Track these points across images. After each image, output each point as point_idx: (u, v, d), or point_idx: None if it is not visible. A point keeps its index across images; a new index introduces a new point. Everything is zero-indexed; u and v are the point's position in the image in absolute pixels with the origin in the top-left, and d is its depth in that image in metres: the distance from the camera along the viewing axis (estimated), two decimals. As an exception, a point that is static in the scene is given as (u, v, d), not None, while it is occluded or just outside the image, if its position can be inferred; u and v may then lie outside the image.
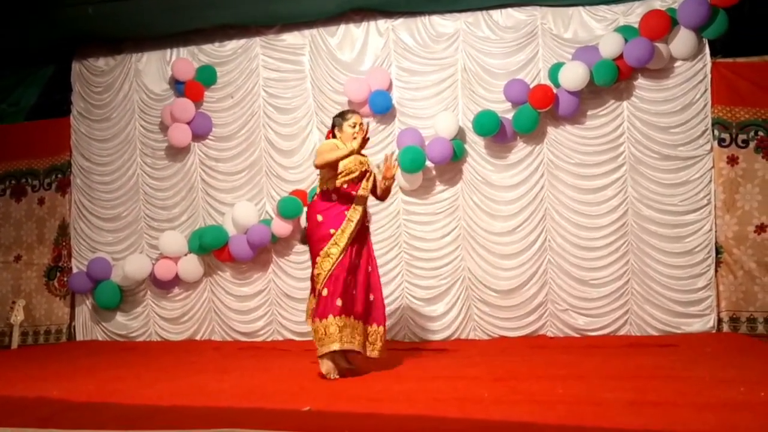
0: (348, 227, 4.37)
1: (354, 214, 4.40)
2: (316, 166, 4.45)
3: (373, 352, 4.45)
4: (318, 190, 4.53)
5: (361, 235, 4.48)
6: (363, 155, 4.59)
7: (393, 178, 4.53)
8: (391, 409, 3.27)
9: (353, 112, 4.61)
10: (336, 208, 4.41)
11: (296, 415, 3.21)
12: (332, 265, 4.30)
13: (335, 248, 4.32)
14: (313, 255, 4.41)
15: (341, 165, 4.39)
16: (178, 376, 4.62)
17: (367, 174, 4.53)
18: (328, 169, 4.40)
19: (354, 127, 4.47)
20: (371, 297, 4.50)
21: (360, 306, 4.39)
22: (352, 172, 4.43)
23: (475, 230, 6.28)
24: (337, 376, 4.25)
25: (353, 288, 4.37)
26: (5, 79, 7.48)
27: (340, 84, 6.49)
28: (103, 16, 6.52)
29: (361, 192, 4.46)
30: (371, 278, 4.53)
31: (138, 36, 7.04)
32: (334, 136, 4.55)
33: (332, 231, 4.35)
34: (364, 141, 4.34)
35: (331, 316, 4.25)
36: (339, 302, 4.26)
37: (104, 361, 5.58)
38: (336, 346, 4.23)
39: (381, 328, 4.49)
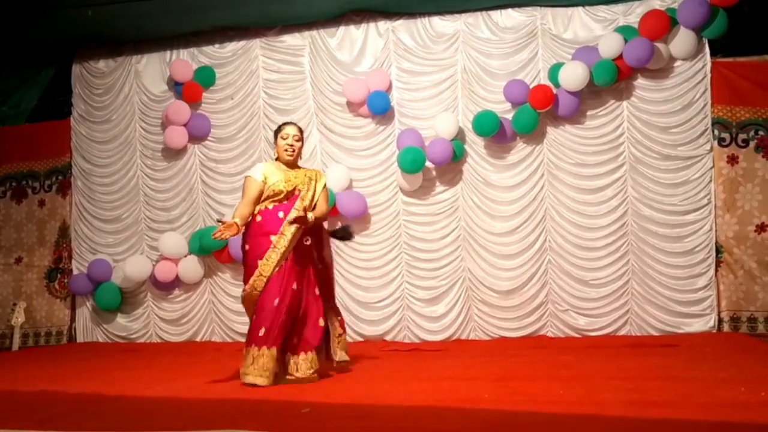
0: (273, 255, 4.12)
1: (280, 240, 4.14)
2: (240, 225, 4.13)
3: (295, 374, 4.17)
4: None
5: (298, 255, 4.20)
6: (298, 167, 4.39)
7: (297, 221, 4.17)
8: (392, 409, 3.27)
9: (290, 123, 4.44)
10: (261, 235, 4.18)
11: (296, 417, 3.21)
12: (257, 298, 4.13)
13: (261, 280, 4.13)
14: (245, 281, 4.24)
15: (267, 188, 4.22)
16: (178, 378, 4.62)
17: (300, 193, 4.27)
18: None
19: (285, 138, 4.31)
20: (304, 325, 4.23)
21: (286, 333, 4.16)
22: (277, 194, 4.23)
23: (475, 231, 6.28)
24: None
25: (283, 314, 4.11)
26: (6, 81, 7.49)
27: (340, 85, 6.50)
28: (103, 18, 6.52)
29: (290, 216, 4.17)
30: (307, 303, 4.25)
31: (138, 38, 7.05)
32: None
33: (259, 261, 4.14)
34: (292, 153, 4.28)
35: (252, 346, 4.11)
36: (262, 332, 4.08)
37: (105, 363, 5.58)
38: (243, 378, 4.08)
39: (310, 354, 4.20)
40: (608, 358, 4.73)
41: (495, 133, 6.08)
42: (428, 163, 6.21)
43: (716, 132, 5.89)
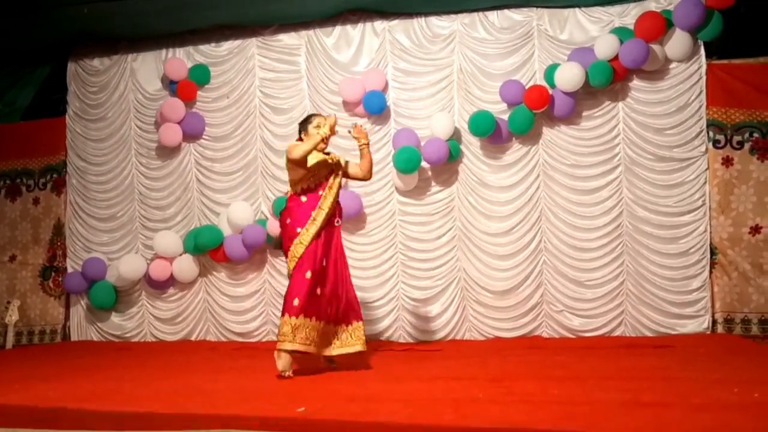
0: (312, 226, 4.48)
1: (319, 213, 4.51)
2: (294, 161, 4.46)
3: (354, 346, 4.56)
4: (289, 193, 4.65)
5: (329, 234, 4.57)
6: (328, 153, 4.69)
7: (366, 138, 4.73)
8: (386, 409, 3.27)
9: (317, 114, 4.77)
10: (303, 209, 4.54)
11: (291, 416, 3.20)
12: (295, 264, 4.42)
13: (300, 247, 4.44)
14: (285, 254, 4.55)
15: (309, 164, 4.50)
16: (172, 377, 4.61)
17: (334, 172, 4.64)
18: (297, 170, 4.50)
19: (318, 127, 4.58)
20: (343, 295, 4.57)
21: (327, 307, 4.47)
22: (319, 171, 4.56)
23: (471, 231, 6.29)
24: (291, 375, 4.29)
25: (318, 287, 4.44)
26: (1, 78, 7.47)
27: (336, 84, 6.50)
28: (98, 16, 6.52)
29: (326, 192, 4.57)
30: (340, 276, 4.59)
31: (134, 36, 7.03)
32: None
33: (299, 230, 4.48)
34: (331, 130, 4.55)
35: (287, 315, 4.33)
36: (296, 302, 4.33)
37: (99, 362, 5.56)
38: (288, 346, 4.30)
39: (360, 324, 4.60)
40: (603, 359, 4.74)
41: (491, 134, 6.08)
42: (424, 163, 6.21)
43: (711, 134, 5.90)
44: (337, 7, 6.49)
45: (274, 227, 6.37)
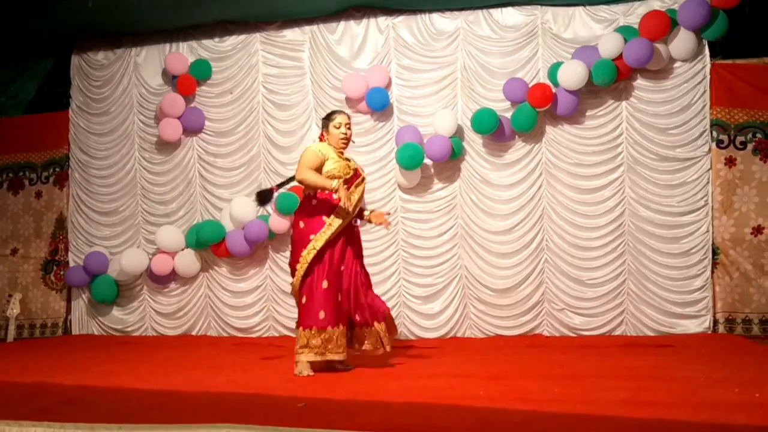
0: (327, 231, 4.32)
1: (335, 220, 4.34)
2: (298, 182, 4.39)
3: (377, 349, 4.43)
4: (302, 196, 4.52)
5: (348, 238, 4.44)
6: (349, 159, 4.55)
7: (380, 223, 4.63)
8: (386, 406, 3.28)
9: (340, 112, 4.57)
10: (317, 214, 4.36)
11: (291, 411, 3.21)
12: (306, 271, 4.29)
13: (312, 253, 4.29)
14: (293, 260, 4.39)
15: (324, 171, 4.34)
16: (173, 371, 4.62)
17: (356, 180, 4.45)
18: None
19: (339, 127, 4.44)
20: (364, 298, 4.43)
21: (346, 312, 4.39)
22: (336, 179, 4.31)
23: (473, 229, 6.29)
24: (311, 373, 4.26)
25: (337, 295, 4.34)
26: (4, 71, 7.46)
27: (340, 81, 6.49)
28: (102, 9, 6.50)
29: (344, 201, 4.28)
30: (360, 280, 4.46)
31: (138, 30, 7.02)
32: (322, 138, 4.53)
33: (311, 236, 4.32)
34: (346, 142, 4.44)
35: (315, 328, 4.26)
36: (322, 314, 4.26)
37: (100, 356, 5.57)
38: (318, 358, 4.26)
39: (382, 325, 4.42)
40: (603, 358, 4.74)
41: (494, 131, 6.08)
42: (426, 160, 6.21)
43: (714, 134, 5.89)
44: (341, 3, 6.49)
45: (276, 223, 6.39)
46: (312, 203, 4.39)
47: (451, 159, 6.22)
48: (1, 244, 7.36)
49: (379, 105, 6.34)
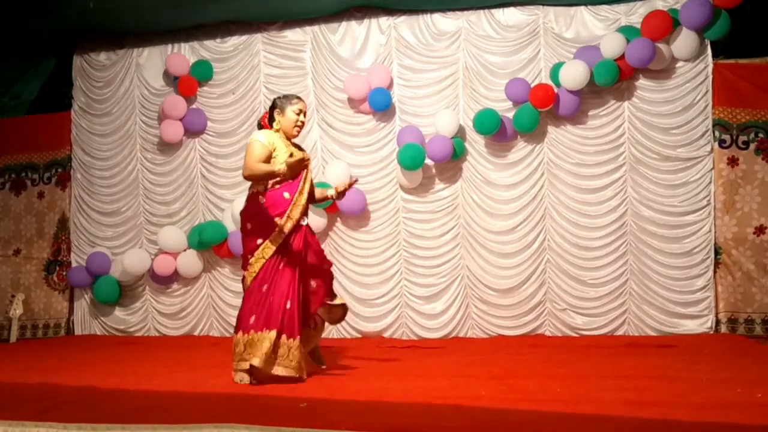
0: (278, 238, 4.00)
1: (287, 222, 4.02)
2: (245, 178, 4.06)
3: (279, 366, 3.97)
4: (248, 192, 4.17)
5: (297, 239, 4.08)
6: (302, 149, 4.26)
7: (339, 197, 4.30)
8: (389, 406, 3.28)
9: (300, 99, 4.21)
10: (266, 215, 4.02)
11: (293, 411, 3.21)
12: (251, 279, 4.05)
13: (260, 262, 4.02)
14: (243, 260, 4.16)
15: (275, 160, 4.01)
16: (176, 371, 4.62)
17: (304, 173, 4.13)
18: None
19: (298, 114, 4.13)
20: (289, 303, 4.02)
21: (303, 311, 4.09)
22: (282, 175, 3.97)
23: (475, 229, 6.28)
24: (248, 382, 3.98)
25: (269, 297, 4.01)
26: (7, 72, 7.46)
27: (341, 81, 6.50)
28: (104, 10, 6.51)
29: (297, 198, 4.06)
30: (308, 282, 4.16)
31: (140, 31, 7.03)
32: (271, 119, 4.18)
33: (259, 242, 4.02)
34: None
35: (240, 333, 4.03)
36: (252, 319, 3.99)
37: (102, 356, 5.58)
38: (244, 365, 3.96)
39: (294, 341, 3.99)
40: (605, 358, 4.74)
41: (495, 132, 6.08)
42: (428, 161, 6.21)
43: (717, 134, 5.89)
44: (342, 3, 6.49)
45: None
46: (260, 201, 4.07)
47: (453, 159, 6.22)
48: (3, 244, 7.37)
49: (381, 105, 6.34)
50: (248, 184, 5.71)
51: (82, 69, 7.27)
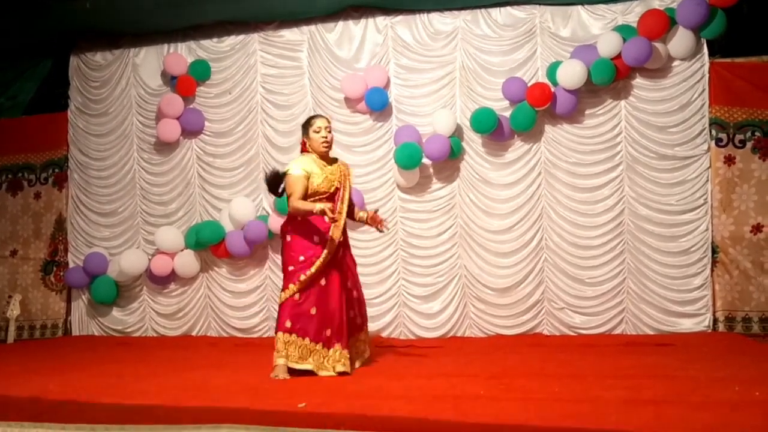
0: (319, 262, 4.26)
1: (331, 245, 4.28)
2: (290, 214, 4.36)
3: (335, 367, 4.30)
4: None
5: (338, 259, 4.40)
6: (336, 160, 4.52)
7: (377, 226, 4.50)
8: (387, 406, 3.28)
9: (319, 116, 4.54)
10: (304, 231, 4.31)
11: (292, 412, 3.21)
12: (293, 293, 4.26)
13: (302, 277, 4.25)
14: (283, 273, 4.38)
15: (310, 188, 4.30)
16: (173, 372, 4.62)
17: (341, 192, 4.40)
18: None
19: (319, 131, 4.38)
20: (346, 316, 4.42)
21: (328, 329, 4.33)
22: (321, 194, 4.33)
23: (472, 228, 6.29)
24: (287, 376, 4.21)
25: (317, 311, 4.28)
26: (3, 73, 7.45)
27: (338, 80, 6.49)
28: (101, 10, 6.51)
29: (340, 206, 4.32)
30: (348, 299, 4.48)
31: (136, 31, 7.01)
32: (304, 146, 4.49)
33: (301, 258, 4.29)
34: (328, 145, 4.38)
35: (280, 333, 4.29)
36: (288, 324, 4.26)
37: (100, 356, 5.58)
38: (281, 361, 4.24)
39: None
40: (603, 357, 4.75)
41: (493, 131, 6.08)
42: (425, 160, 6.21)
43: (713, 132, 5.89)
44: (339, 3, 6.48)
45: (275, 223, 6.37)
46: (297, 220, 4.36)
47: (450, 158, 6.22)
48: (0, 245, 7.36)
49: (378, 105, 6.33)
50: (244, 184, 5.67)
51: (78, 69, 7.25)
